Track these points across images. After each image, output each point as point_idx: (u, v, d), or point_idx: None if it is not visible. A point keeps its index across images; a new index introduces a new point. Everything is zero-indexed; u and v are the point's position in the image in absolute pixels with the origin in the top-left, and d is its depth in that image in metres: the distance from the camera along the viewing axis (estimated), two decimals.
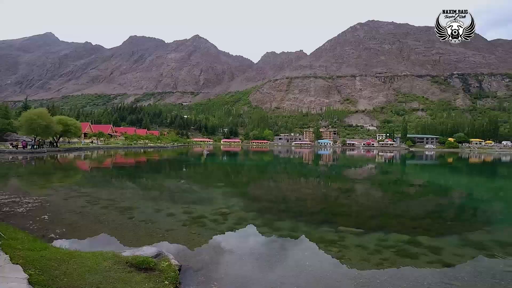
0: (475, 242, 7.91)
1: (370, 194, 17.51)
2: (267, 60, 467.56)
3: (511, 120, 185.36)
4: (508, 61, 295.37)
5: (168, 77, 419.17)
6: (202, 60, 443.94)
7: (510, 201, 16.24)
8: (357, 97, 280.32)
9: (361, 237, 8.39)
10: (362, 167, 39.50)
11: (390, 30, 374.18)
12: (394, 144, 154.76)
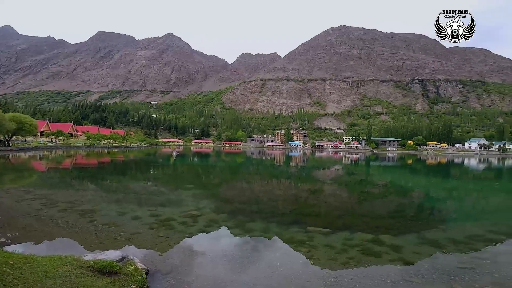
0: (432, 240, 8.44)
1: (337, 195, 18.17)
2: (242, 61, 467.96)
3: (463, 125, 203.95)
4: (462, 68, 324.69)
5: (137, 74, 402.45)
6: (174, 59, 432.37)
7: (462, 200, 17.76)
8: (326, 100, 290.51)
9: (328, 237, 8.65)
10: (330, 169, 40.94)
11: (359, 36, 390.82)
12: (359, 146, 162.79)
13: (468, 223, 11.16)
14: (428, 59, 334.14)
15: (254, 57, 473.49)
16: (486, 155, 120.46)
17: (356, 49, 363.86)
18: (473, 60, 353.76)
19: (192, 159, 51.96)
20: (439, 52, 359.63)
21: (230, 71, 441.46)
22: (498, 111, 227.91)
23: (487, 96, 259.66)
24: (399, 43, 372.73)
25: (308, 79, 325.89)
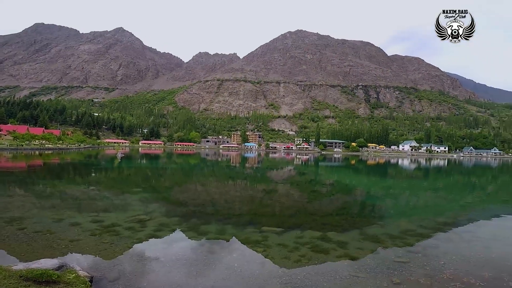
0: (372, 236, 9.24)
1: (289, 194, 18.85)
2: (199, 60, 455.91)
3: (398, 128, 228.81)
4: (399, 75, 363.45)
5: (78, 70, 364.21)
6: (122, 54, 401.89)
7: (397, 198, 19.86)
8: (280, 103, 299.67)
9: (282, 236, 8.94)
10: (283, 169, 42.34)
11: (313, 41, 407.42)
12: (309, 148, 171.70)
13: (402, 218, 12.42)
14: (372, 66, 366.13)
15: (211, 57, 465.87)
16: (416, 156, 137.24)
17: (310, 54, 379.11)
18: (409, 68, 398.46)
19: (140, 161, 48.89)
20: (381, 59, 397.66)
21: (185, 69, 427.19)
22: (427, 116, 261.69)
23: (418, 102, 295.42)
24: (348, 50, 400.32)
25: (265, 81, 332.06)
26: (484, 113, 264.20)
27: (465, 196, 20.61)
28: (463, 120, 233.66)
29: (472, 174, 44.19)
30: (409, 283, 5.66)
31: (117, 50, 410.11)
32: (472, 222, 11.67)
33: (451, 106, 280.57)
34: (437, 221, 11.49)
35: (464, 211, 14.49)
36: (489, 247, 8.05)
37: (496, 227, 10.59)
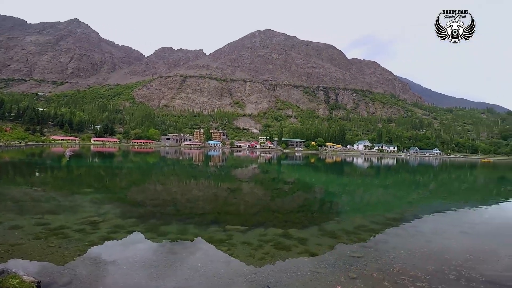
0: (330, 232, 9.76)
1: (253, 193, 19.03)
2: (161, 55, 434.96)
3: (353, 129, 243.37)
4: (357, 78, 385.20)
5: (21, 62, 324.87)
6: (75, 47, 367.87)
7: (352, 195, 21.17)
8: (246, 101, 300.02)
9: (246, 234, 9.05)
10: (247, 168, 42.55)
11: (280, 41, 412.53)
12: (272, 146, 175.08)
13: (356, 214, 13.32)
14: (333, 69, 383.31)
15: (175, 52, 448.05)
16: (369, 155, 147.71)
17: (276, 54, 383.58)
18: (365, 72, 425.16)
19: (92, 160, 45.40)
20: (341, 62, 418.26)
21: (145, 64, 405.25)
22: (379, 118, 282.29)
23: (372, 104, 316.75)
24: (312, 52, 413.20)
25: (231, 79, 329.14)
26: (428, 116, 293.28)
27: (411, 193, 22.70)
28: (410, 122, 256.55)
29: (417, 172, 48.83)
30: (364, 278, 6.04)
31: (69, 42, 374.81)
32: (416, 217, 12.77)
33: (400, 109, 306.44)
34: (387, 216, 12.49)
35: (410, 207, 15.97)
36: (431, 241, 8.82)
37: (436, 222, 11.74)
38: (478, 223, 11.51)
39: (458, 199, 19.54)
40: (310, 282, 5.87)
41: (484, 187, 28.81)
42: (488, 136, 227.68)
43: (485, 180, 37.32)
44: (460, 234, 9.73)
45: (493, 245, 8.47)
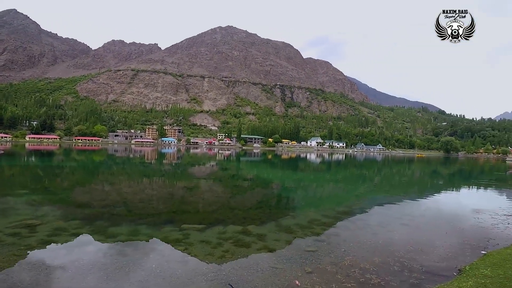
0: (286, 227, 10.01)
1: (212, 190, 18.70)
2: (111, 48, 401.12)
3: (307, 126, 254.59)
4: (311, 77, 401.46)
5: None
6: (10, 38, 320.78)
7: (306, 189, 22.11)
8: (203, 97, 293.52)
9: (204, 233, 8.87)
10: (205, 165, 41.71)
11: (241, 38, 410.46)
12: (231, 143, 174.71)
13: (310, 209, 13.90)
14: (289, 67, 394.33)
15: (127, 46, 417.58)
16: (321, 151, 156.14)
17: (237, 51, 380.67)
18: (319, 71, 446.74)
19: (27, 159, 40.20)
20: (298, 61, 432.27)
21: (92, 57, 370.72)
22: (330, 115, 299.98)
23: (324, 102, 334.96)
24: (271, 50, 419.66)
25: (188, 75, 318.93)
26: (373, 114, 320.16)
27: (358, 187, 24.51)
28: (357, 120, 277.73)
29: (363, 167, 53.03)
30: (319, 272, 6.29)
31: (2, 33, 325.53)
32: (363, 210, 13.72)
33: (349, 107, 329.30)
34: (337, 210, 13.26)
35: (358, 200, 17.20)
36: (377, 234, 9.47)
37: (381, 215, 12.69)
38: (416, 215, 12.69)
39: (399, 192, 21.69)
40: (270, 278, 5.94)
41: (420, 181, 32.47)
42: (423, 133, 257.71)
43: (420, 174, 42.06)
44: (401, 226, 10.62)
45: (429, 235, 9.38)
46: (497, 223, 10.88)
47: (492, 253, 6.91)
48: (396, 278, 5.96)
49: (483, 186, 24.88)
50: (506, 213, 12.46)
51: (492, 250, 7.26)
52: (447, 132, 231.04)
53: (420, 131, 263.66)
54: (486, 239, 8.75)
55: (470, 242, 8.42)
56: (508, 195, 19.49)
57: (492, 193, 21.31)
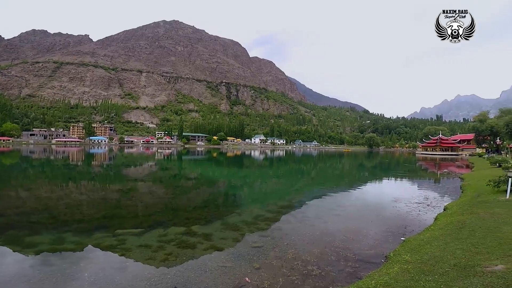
0: (232, 225, 10.00)
1: (150, 192, 17.57)
2: (30, 38, 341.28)
3: (251, 124, 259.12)
4: (256, 76, 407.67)
5: None
6: None
7: (251, 186, 22.52)
8: (140, 93, 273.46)
9: (142, 237, 8.33)
10: (142, 165, 38.95)
11: (188, 34, 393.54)
12: (171, 141, 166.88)
13: (254, 205, 14.16)
14: (236, 65, 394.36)
15: (50, 36, 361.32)
16: (264, 148, 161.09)
17: (181, 46, 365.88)
18: (263, 70, 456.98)
19: None
20: (244, 60, 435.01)
21: (3, 47, 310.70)
22: (272, 114, 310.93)
23: (267, 101, 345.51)
24: (219, 47, 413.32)
25: (123, 69, 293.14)
26: (309, 113, 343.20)
27: (298, 181, 26.01)
28: (296, 118, 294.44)
29: (301, 162, 56.49)
30: (266, 267, 6.44)
31: None
32: (302, 203, 14.51)
33: (288, 106, 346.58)
34: (279, 205, 13.80)
35: (297, 194, 18.21)
36: (314, 225, 10.07)
37: (317, 207, 13.54)
38: (347, 205, 13.84)
39: (332, 185, 23.72)
40: (220, 277, 5.87)
41: (349, 173, 36.10)
42: (351, 130, 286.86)
43: (349, 167, 46.77)
44: (335, 216, 11.48)
45: (358, 224, 10.23)
46: (411, 210, 12.47)
47: (410, 239, 7.77)
48: (334, 268, 6.38)
49: (399, 177, 28.98)
50: (417, 201, 14.47)
51: (410, 236, 8.18)
52: (370, 130, 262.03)
53: (348, 128, 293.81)
54: (404, 226, 9.87)
55: (391, 230, 9.44)
56: (418, 185, 23.07)
57: (406, 183, 24.83)
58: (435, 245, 6.48)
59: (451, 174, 30.90)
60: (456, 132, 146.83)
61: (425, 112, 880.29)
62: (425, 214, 11.77)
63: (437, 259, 5.42)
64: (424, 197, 15.69)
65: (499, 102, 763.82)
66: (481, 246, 5.75)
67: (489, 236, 6.34)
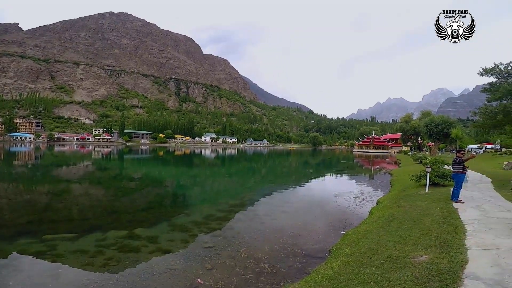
0: (180, 225, 9.61)
1: (86, 194, 15.91)
2: None
3: (201, 122, 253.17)
4: (209, 73, 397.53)
5: None
6: None
7: (201, 185, 22.00)
8: (76, 86, 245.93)
9: (76, 242, 7.64)
10: (76, 165, 35.00)
11: (136, 27, 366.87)
12: (111, 139, 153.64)
13: (204, 204, 13.85)
14: (188, 61, 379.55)
15: None
16: (215, 146, 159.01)
17: (128, 39, 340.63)
18: (217, 68, 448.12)
19: None
20: (197, 56, 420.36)
21: None
22: (224, 112, 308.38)
23: (219, 99, 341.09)
24: (170, 42, 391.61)
25: (56, 60, 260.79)
26: (260, 112, 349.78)
27: (249, 179, 26.29)
28: (248, 117, 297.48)
29: (252, 160, 57.32)
30: (219, 267, 6.32)
31: None
32: (253, 201, 14.64)
33: (241, 105, 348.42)
34: (231, 203, 13.75)
35: (248, 192, 18.40)
36: (264, 223, 10.19)
37: (267, 204, 13.73)
38: (293, 201, 14.33)
39: (281, 182, 24.58)
40: (169, 280, 5.61)
41: (296, 171, 37.87)
42: (297, 129, 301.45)
43: (296, 164, 49.09)
44: (282, 213, 11.73)
45: (304, 220, 10.60)
46: (349, 205, 13.37)
47: (349, 232, 8.25)
48: (284, 264, 6.54)
49: (339, 174, 31.42)
50: (354, 196, 15.68)
51: (349, 230, 8.68)
52: (314, 129, 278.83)
53: (295, 128, 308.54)
54: (343, 220, 10.49)
55: (333, 224, 9.97)
56: (356, 180, 25.24)
57: (345, 179, 26.89)
58: (371, 237, 6.98)
59: (383, 170, 34.48)
60: (386, 131, 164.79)
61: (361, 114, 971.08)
62: (361, 208, 12.65)
63: (373, 252, 5.80)
64: (360, 192, 17.10)
65: (421, 105, 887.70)
66: (408, 238, 6.25)
67: (414, 228, 6.92)
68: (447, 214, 7.81)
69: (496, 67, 12.82)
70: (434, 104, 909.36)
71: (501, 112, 12.79)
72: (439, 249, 5.25)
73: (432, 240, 5.83)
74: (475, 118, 25.94)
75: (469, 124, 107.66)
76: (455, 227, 6.52)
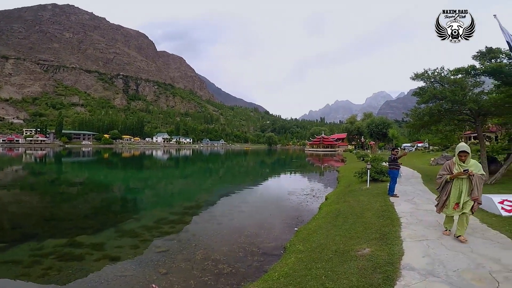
0: (129, 231, 9.07)
1: (17, 201, 14.04)
2: None
3: (152, 121, 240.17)
4: (162, 71, 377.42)
5: None
6: None
7: (153, 188, 20.91)
8: (3, 82, 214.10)
9: (7, 252, 6.96)
10: (3, 170, 30.47)
11: (82, 20, 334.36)
12: (46, 140, 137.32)
13: (155, 208, 13.23)
14: (138, 58, 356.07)
15: None
16: (168, 147, 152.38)
17: (70, 33, 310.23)
18: (171, 66, 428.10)
19: None
20: (150, 53, 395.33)
21: None
22: (178, 111, 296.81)
23: (173, 98, 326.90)
24: (120, 37, 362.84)
25: None
26: (217, 112, 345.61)
27: (206, 180, 25.77)
28: (204, 117, 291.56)
29: (209, 161, 56.30)
30: (175, 270, 6.11)
31: None
32: (209, 203, 14.45)
33: (196, 105, 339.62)
34: (185, 206, 13.35)
35: (205, 193, 18.08)
36: (221, 223, 10.14)
37: (224, 205, 13.67)
38: (250, 201, 14.45)
39: (238, 182, 24.68)
40: (120, 287, 5.33)
41: (253, 170, 38.35)
42: (254, 129, 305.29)
43: (253, 164, 49.71)
44: (240, 213, 11.80)
45: (260, 219, 10.75)
46: (301, 201, 14.00)
47: (301, 229, 8.54)
48: (243, 264, 6.57)
49: (292, 172, 32.70)
50: (306, 193, 16.45)
51: (301, 227, 8.96)
52: (270, 129, 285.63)
53: (252, 128, 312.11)
54: (296, 217, 10.89)
55: (287, 221, 10.30)
56: (308, 178, 26.57)
57: (298, 177, 28.07)
58: (320, 233, 7.35)
59: (331, 167, 36.94)
60: (334, 132, 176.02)
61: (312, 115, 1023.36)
62: (312, 204, 13.34)
63: (322, 247, 6.12)
64: (311, 189, 18.06)
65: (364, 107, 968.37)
66: (352, 232, 6.70)
67: (357, 222, 7.44)
68: (385, 208, 8.55)
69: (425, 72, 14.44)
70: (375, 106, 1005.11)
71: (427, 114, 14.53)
72: (379, 241, 5.73)
73: (373, 233, 6.31)
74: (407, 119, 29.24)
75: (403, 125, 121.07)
76: (392, 220, 7.15)
